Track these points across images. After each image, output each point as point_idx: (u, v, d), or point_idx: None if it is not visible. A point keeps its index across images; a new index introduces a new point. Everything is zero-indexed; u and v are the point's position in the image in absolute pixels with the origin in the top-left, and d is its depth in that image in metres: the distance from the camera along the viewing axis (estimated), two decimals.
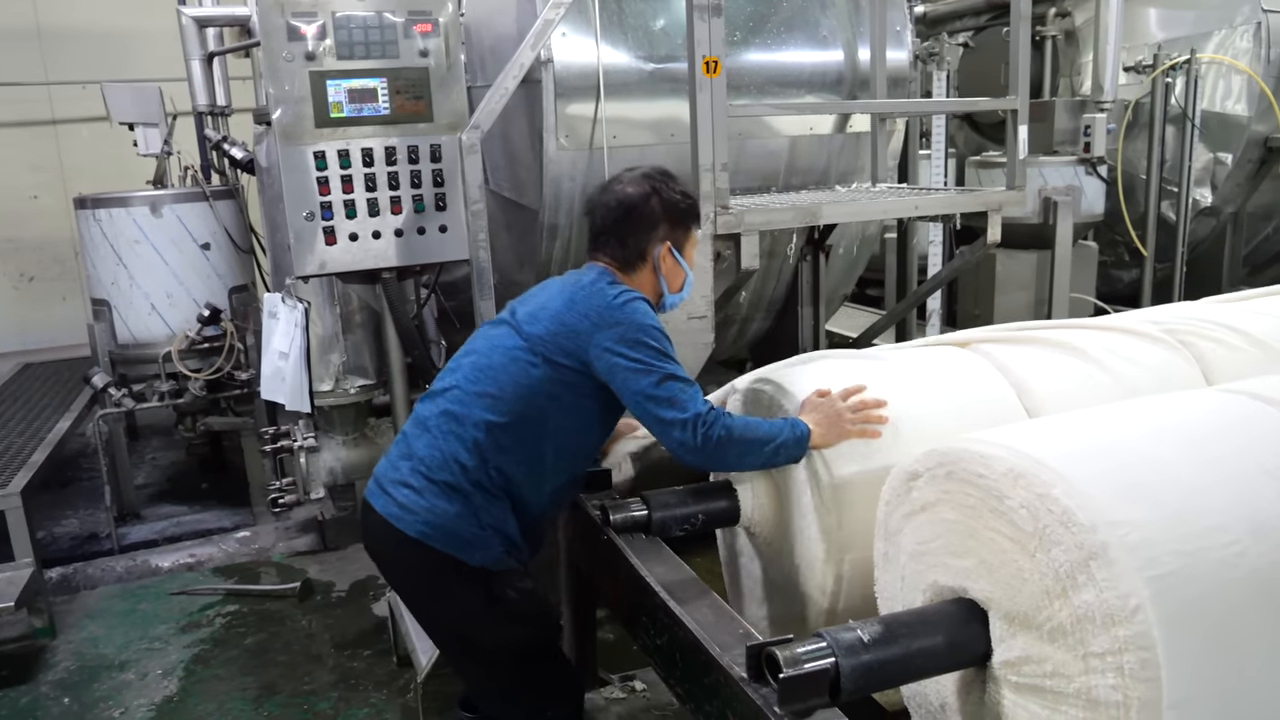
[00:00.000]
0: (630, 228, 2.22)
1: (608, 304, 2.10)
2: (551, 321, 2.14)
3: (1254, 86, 5.67)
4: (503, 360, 2.16)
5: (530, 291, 2.34)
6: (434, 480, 2.11)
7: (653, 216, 2.22)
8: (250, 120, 4.52)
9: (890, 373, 2.18)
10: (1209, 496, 1.44)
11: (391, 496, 2.15)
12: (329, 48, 3.07)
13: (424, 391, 4.29)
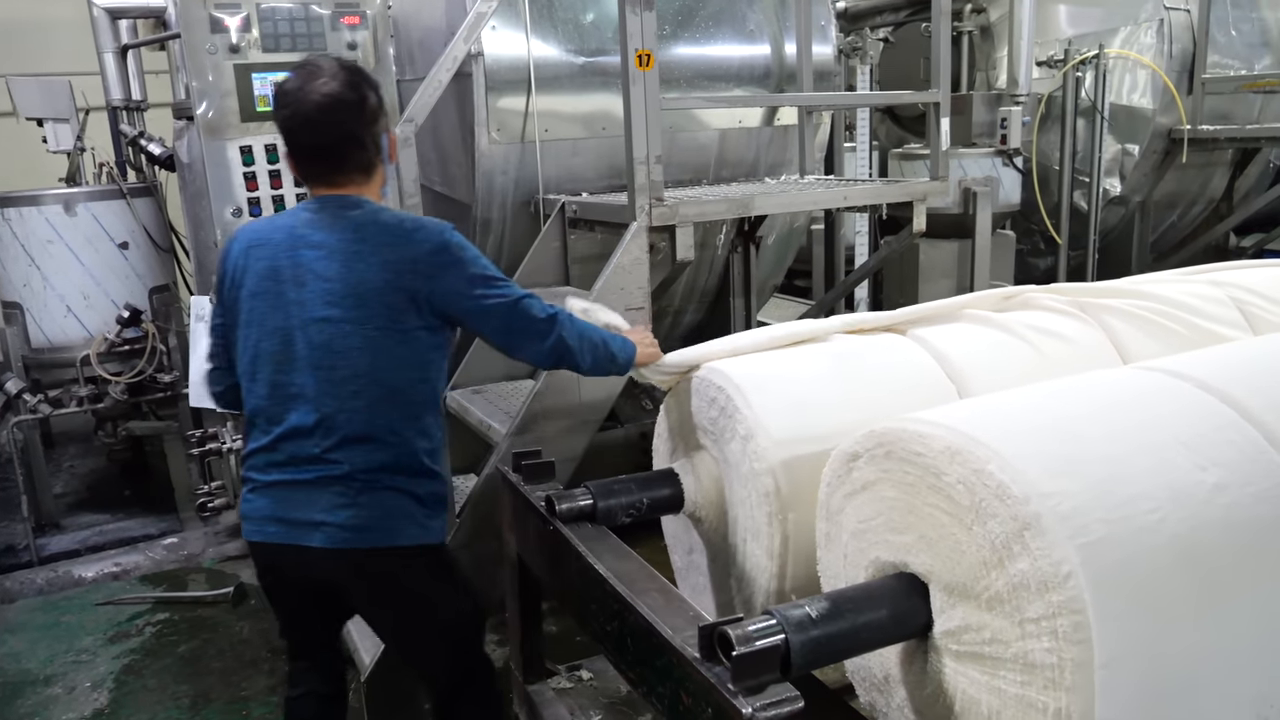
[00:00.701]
0: (367, 124, 2.09)
1: (425, 249, 2.06)
2: (358, 295, 2.03)
3: (1158, 81, 5.93)
4: (335, 349, 2.05)
5: (265, 270, 2.10)
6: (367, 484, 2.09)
7: (376, 106, 2.11)
8: (167, 115, 4.40)
9: (832, 359, 2.24)
10: (1131, 467, 1.52)
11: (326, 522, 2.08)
12: (254, 40, 3.02)
13: None
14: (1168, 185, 6.42)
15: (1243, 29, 6.57)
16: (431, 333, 2.12)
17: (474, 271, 2.10)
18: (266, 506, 2.13)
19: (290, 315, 2.06)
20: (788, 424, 2.08)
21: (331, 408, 2.05)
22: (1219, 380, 1.79)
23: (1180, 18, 6.05)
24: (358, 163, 2.10)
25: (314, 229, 2.08)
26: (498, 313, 2.12)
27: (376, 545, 2.11)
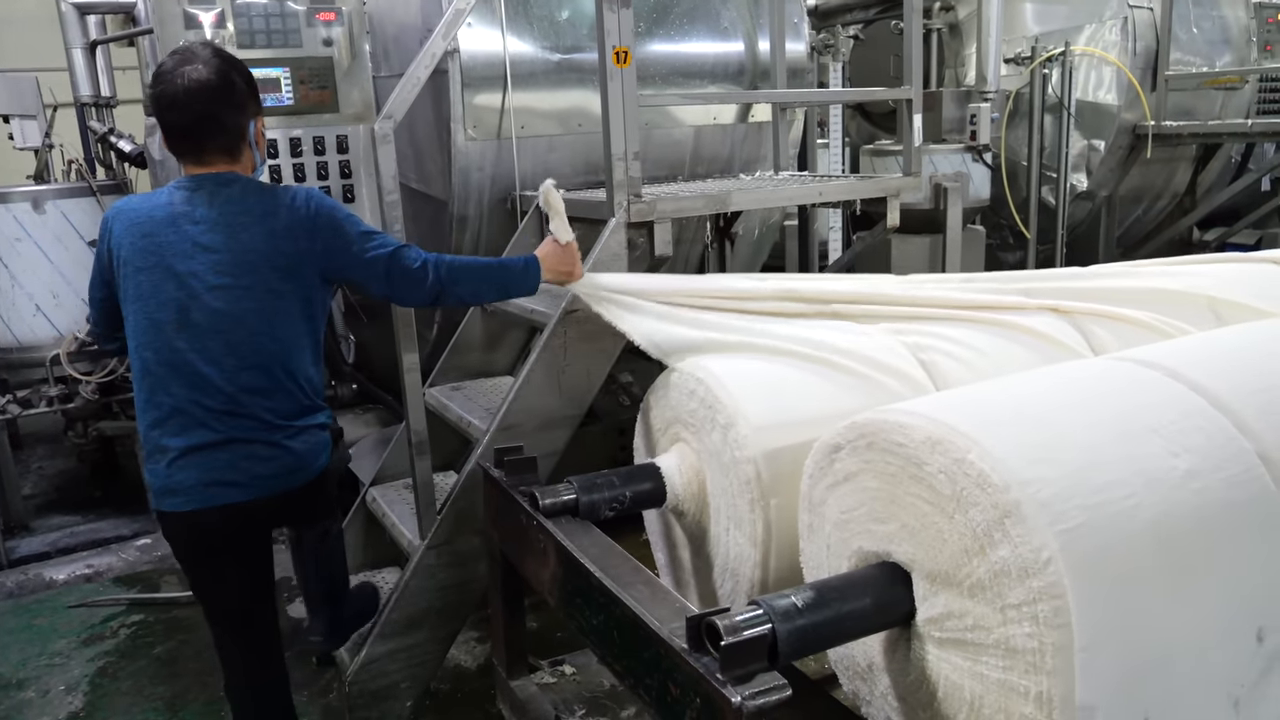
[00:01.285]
0: (231, 109, 2.23)
1: (303, 215, 2.24)
2: (260, 258, 2.20)
3: (1122, 77, 6.03)
4: (232, 314, 2.20)
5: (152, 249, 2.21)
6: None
7: (243, 93, 2.25)
8: (135, 111, 4.35)
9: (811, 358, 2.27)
10: (1106, 454, 1.56)
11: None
12: (229, 36, 2.99)
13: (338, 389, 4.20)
14: (1133, 180, 6.53)
15: (1204, 26, 6.69)
16: (317, 289, 2.32)
17: (351, 230, 2.29)
18: (195, 474, 2.23)
19: (182, 286, 2.19)
20: (767, 411, 2.11)
21: (233, 367, 2.21)
22: (1188, 369, 1.84)
23: (1143, 15, 6.15)
24: (221, 145, 2.24)
25: (193, 205, 2.22)
26: (378, 264, 2.30)
27: (304, 482, 2.34)
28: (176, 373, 2.21)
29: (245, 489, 2.25)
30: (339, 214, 2.30)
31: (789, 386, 2.20)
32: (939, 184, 5.13)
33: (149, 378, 2.24)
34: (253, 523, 2.33)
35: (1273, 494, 1.66)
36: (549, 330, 2.72)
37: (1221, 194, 6.91)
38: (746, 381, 2.19)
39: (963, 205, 5.25)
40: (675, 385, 2.35)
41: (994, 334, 2.46)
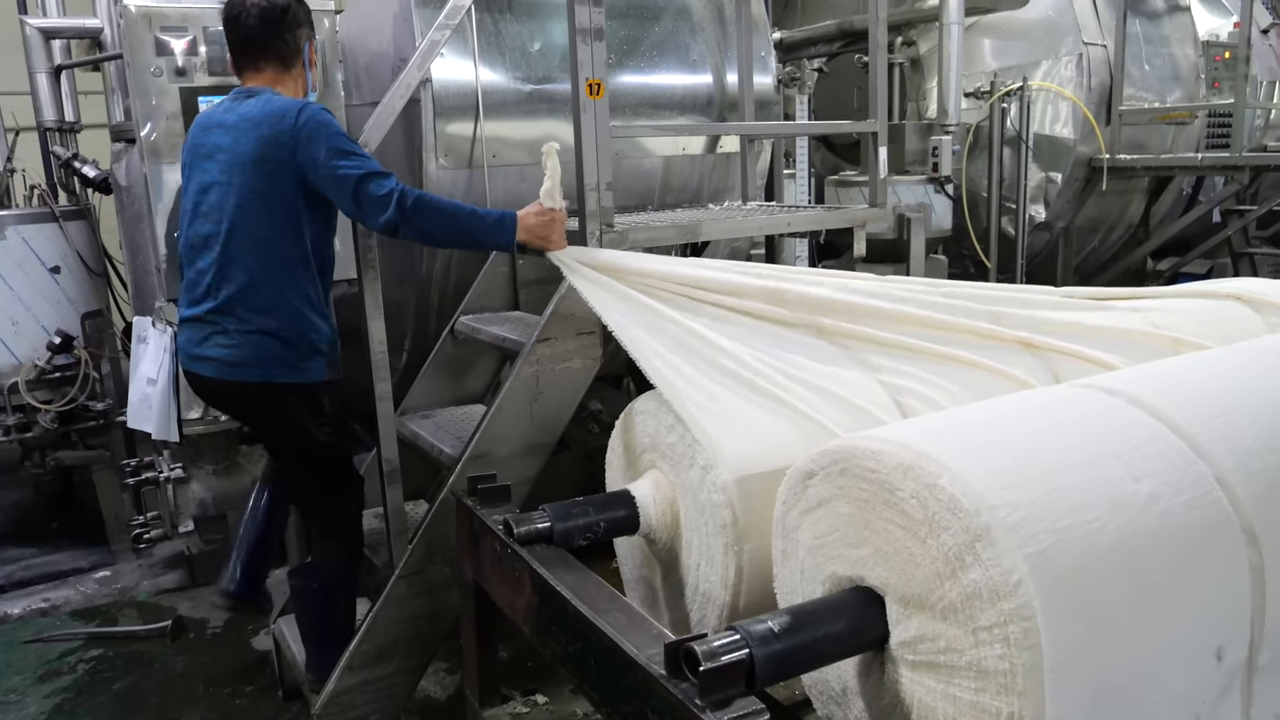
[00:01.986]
0: (287, 27, 2.57)
1: (293, 125, 2.45)
2: (251, 160, 2.47)
3: (1078, 112, 6.21)
4: (223, 208, 2.51)
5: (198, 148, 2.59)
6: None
7: (300, 15, 2.61)
8: (100, 135, 4.31)
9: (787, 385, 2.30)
10: (1071, 479, 1.60)
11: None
12: (200, 63, 2.99)
13: None
14: (1089, 211, 6.70)
15: (1155, 64, 6.91)
16: (300, 197, 2.51)
17: (330, 144, 2.45)
18: (185, 340, 2.63)
19: (200, 182, 2.54)
20: (747, 458, 2.13)
21: (218, 256, 2.51)
22: (1148, 396, 1.90)
23: (1098, 52, 6.35)
24: (270, 61, 2.57)
25: (223, 114, 2.56)
26: (347, 182, 2.45)
27: (249, 380, 2.55)
28: (190, 254, 2.59)
29: (207, 365, 2.56)
30: (323, 131, 2.45)
31: (770, 433, 2.22)
32: (902, 214, 5.20)
33: (181, 257, 2.65)
34: (222, 401, 2.74)
35: (1230, 516, 1.71)
36: (522, 357, 2.73)
37: (1174, 225, 7.11)
38: (729, 427, 2.21)
39: (925, 235, 5.33)
40: (655, 414, 2.37)
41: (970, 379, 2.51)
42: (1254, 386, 2.07)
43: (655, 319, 2.47)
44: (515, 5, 3.67)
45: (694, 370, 2.36)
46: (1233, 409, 1.95)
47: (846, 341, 2.57)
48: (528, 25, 3.69)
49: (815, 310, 2.59)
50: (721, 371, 2.36)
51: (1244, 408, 1.96)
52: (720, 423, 2.20)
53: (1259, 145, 7.78)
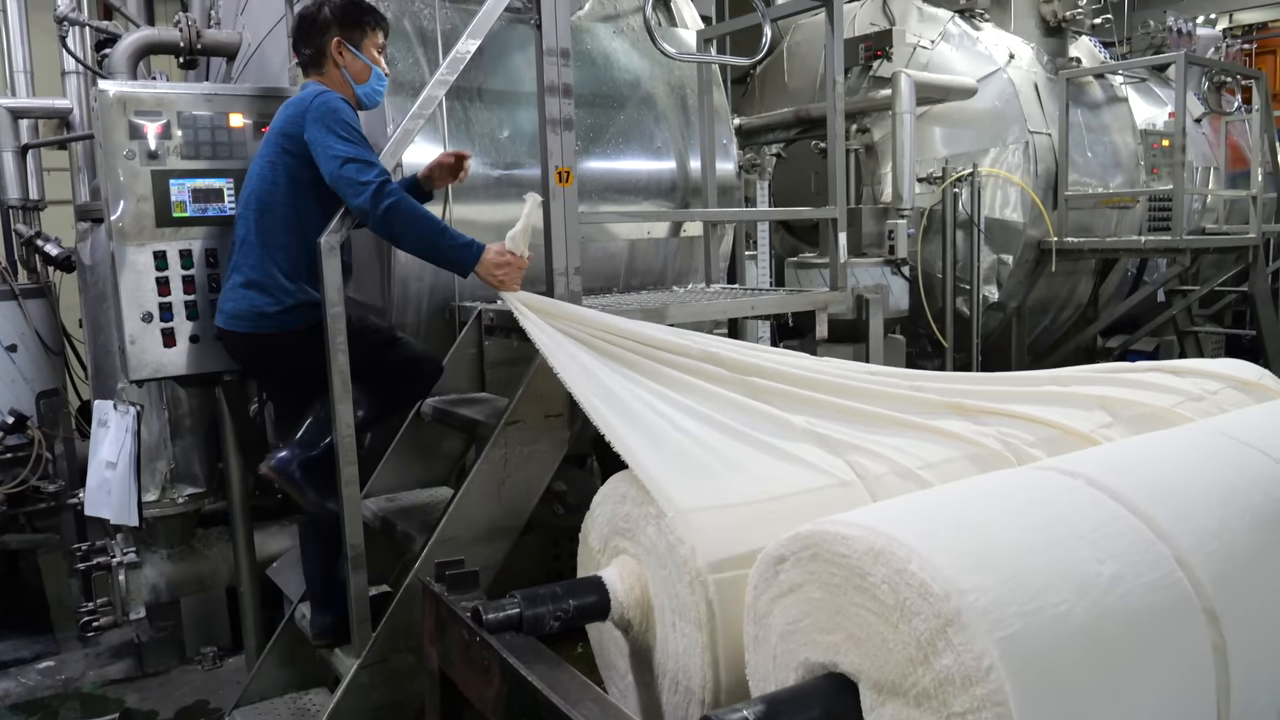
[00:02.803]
0: (309, 34, 2.86)
1: (309, 104, 2.70)
2: (275, 133, 2.78)
3: (1026, 197, 6.45)
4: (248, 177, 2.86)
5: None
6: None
7: (324, 21, 2.85)
8: (65, 212, 4.31)
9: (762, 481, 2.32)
10: (1037, 561, 1.63)
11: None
12: (173, 147, 3.02)
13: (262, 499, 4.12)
14: (1040, 292, 6.92)
15: (1097, 151, 7.24)
16: (303, 170, 2.72)
17: (331, 126, 2.65)
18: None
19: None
20: (719, 540, 2.14)
21: (243, 220, 2.82)
22: (1106, 477, 1.95)
23: (1043, 140, 6.63)
24: (305, 59, 2.91)
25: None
26: (334, 160, 2.62)
27: (240, 331, 2.82)
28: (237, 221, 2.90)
29: (222, 317, 2.85)
30: (330, 115, 2.66)
31: (743, 510, 2.23)
32: (861, 295, 5.35)
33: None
34: (235, 352, 2.93)
35: (1190, 597, 1.75)
36: (490, 441, 2.73)
37: (1121, 305, 7.35)
38: (699, 506, 2.21)
39: (883, 315, 5.48)
40: (624, 498, 2.37)
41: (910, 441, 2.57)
42: (1207, 466, 2.14)
43: (602, 369, 2.51)
44: (485, 94, 3.76)
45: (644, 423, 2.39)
46: (1187, 489, 2.01)
47: (782, 402, 2.62)
48: (497, 113, 3.78)
49: (749, 372, 2.66)
50: (672, 426, 2.39)
51: (1198, 487, 2.02)
52: (693, 508, 2.20)
53: (1198, 228, 8.13)
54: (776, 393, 2.62)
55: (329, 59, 2.87)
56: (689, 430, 2.40)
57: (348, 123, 2.68)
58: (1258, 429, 2.38)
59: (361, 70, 2.92)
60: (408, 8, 3.73)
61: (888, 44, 6.33)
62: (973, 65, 6.57)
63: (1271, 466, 2.18)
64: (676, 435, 2.38)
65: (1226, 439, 2.28)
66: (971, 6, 6.86)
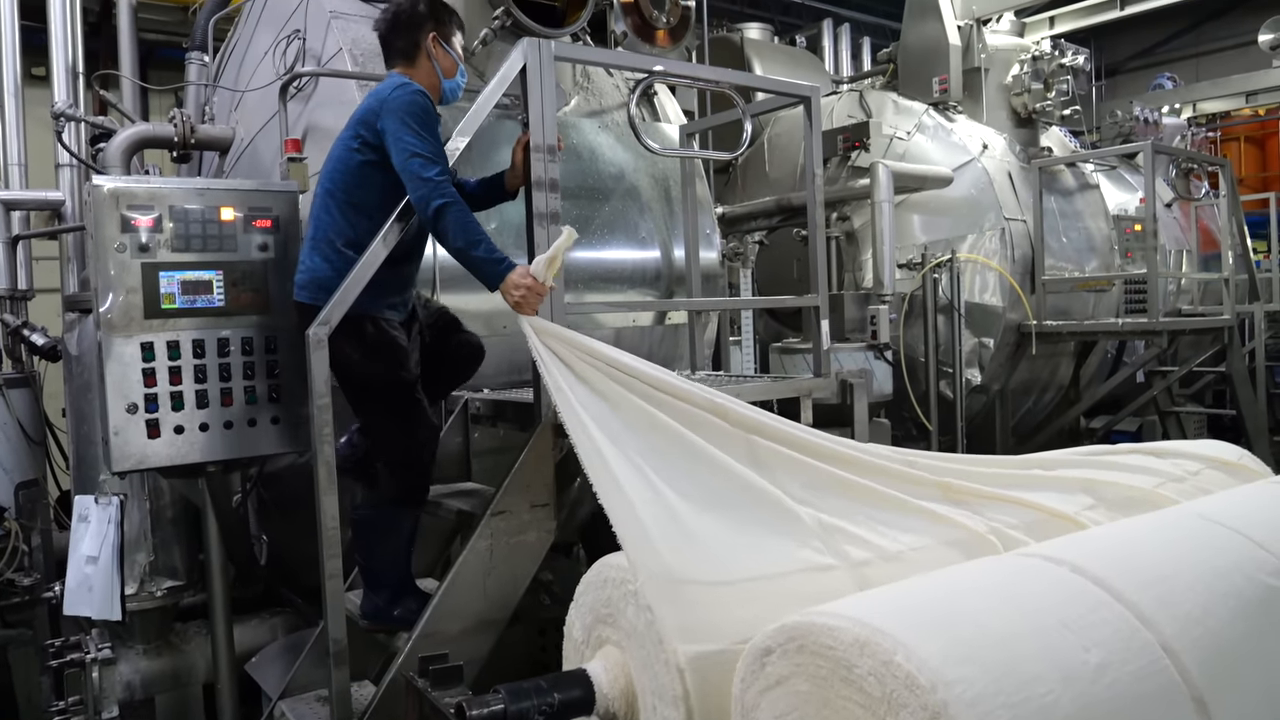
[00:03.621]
0: (404, 27, 2.97)
1: (387, 95, 2.80)
2: (354, 121, 2.89)
3: (1004, 281, 6.57)
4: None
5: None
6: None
7: (421, 16, 2.96)
8: (53, 300, 4.33)
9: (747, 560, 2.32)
10: (1024, 650, 1.63)
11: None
12: (164, 240, 3.06)
13: (242, 591, 4.05)
14: (1022, 374, 6.99)
15: (1071, 236, 7.41)
16: (372, 156, 2.84)
17: (405, 117, 2.75)
18: None
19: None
20: (695, 616, 2.13)
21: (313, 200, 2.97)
22: (1090, 563, 1.96)
23: (1019, 226, 6.80)
24: (396, 51, 3.00)
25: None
26: (402, 152, 2.73)
27: (303, 301, 2.87)
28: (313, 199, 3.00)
29: (294, 289, 2.94)
30: (407, 108, 2.77)
31: (726, 595, 2.22)
32: (845, 380, 5.39)
33: None
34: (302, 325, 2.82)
35: (1178, 685, 1.74)
36: (476, 532, 2.72)
37: (1102, 387, 7.43)
38: (681, 594, 2.20)
39: (868, 400, 5.53)
40: (609, 584, 2.36)
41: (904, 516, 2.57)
42: (1190, 551, 2.15)
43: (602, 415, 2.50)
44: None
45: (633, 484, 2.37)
46: (1171, 575, 2.01)
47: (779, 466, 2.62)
48: None
49: (751, 429, 2.66)
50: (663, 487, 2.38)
51: (1181, 573, 2.03)
52: (675, 596, 2.19)
53: (1174, 309, 8.28)
54: (775, 455, 2.63)
55: (422, 52, 2.98)
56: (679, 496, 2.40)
57: (423, 117, 2.78)
58: (1238, 512, 2.40)
59: (451, 66, 3.03)
60: None
61: (865, 136, 6.52)
62: (948, 155, 6.77)
63: (1253, 550, 2.19)
64: (665, 499, 2.37)
65: (1208, 523, 2.30)
66: (945, 100, 7.10)
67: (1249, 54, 11.34)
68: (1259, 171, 13.63)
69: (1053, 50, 7.52)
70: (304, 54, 3.93)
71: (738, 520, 2.40)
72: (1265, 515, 2.38)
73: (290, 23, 4.11)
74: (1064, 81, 7.42)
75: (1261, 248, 10.24)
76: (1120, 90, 14.14)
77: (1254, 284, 8.43)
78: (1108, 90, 14.03)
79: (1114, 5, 8.39)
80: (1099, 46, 13.42)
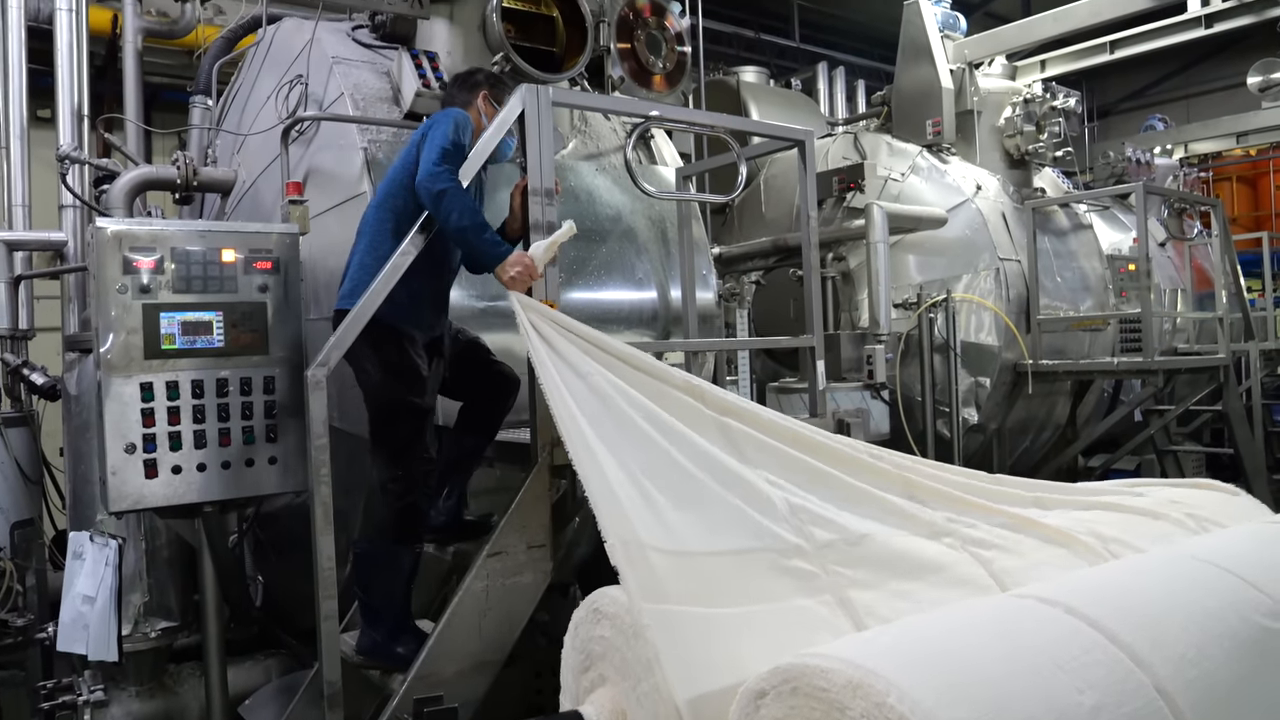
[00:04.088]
0: (465, 85, 3.37)
1: (438, 115, 3.14)
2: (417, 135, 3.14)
3: (1000, 320, 6.60)
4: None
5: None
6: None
7: (478, 81, 3.37)
8: (53, 339, 4.35)
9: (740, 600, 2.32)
10: (1017, 689, 1.64)
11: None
12: (165, 281, 3.09)
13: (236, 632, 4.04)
14: (1018, 413, 7.00)
15: (1066, 275, 7.46)
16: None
17: (445, 129, 3.02)
18: None
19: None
20: (699, 665, 2.13)
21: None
22: (1084, 605, 1.96)
23: (1013, 267, 6.84)
24: (457, 101, 3.33)
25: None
26: (430, 151, 2.96)
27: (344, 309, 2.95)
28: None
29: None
30: (450, 125, 3.03)
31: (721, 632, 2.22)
32: (841, 419, 5.41)
33: None
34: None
35: None
36: (471, 573, 2.72)
37: (1099, 426, 7.44)
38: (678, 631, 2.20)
39: (865, 439, 5.54)
40: (602, 620, 2.36)
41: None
42: (1184, 592, 2.16)
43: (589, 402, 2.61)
44: None
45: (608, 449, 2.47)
46: (1165, 616, 2.02)
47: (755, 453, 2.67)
48: None
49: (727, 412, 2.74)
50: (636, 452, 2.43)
51: (1175, 614, 2.04)
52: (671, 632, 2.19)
53: (1170, 348, 8.31)
54: (749, 440, 2.68)
55: (474, 107, 3.30)
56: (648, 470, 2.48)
57: (457, 136, 3.04)
58: (1233, 552, 2.41)
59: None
60: (398, 147, 3.89)
61: (860, 177, 6.60)
62: (942, 196, 6.84)
63: (1247, 591, 2.20)
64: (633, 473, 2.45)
65: (1202, 564, 2.31)
66: (938, 142, 7.19)
67: (1239, 95, 11.49)
68: (1251, 211, 13.74)
69: (1044, 93, 7.64)
70: (306, 98, 4.00)
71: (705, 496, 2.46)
72: (1259, 556, 2.40)
73: (293, 67, 4.18)
74: (1056, 123, 7.52)
75: (1256, 286, 10.30)
76: (1113, 131, 14.29)
77: (1249, 323, 8.47)
78: (1100, 131, 14.18)
79: (1104, 49, 8.49)
80: (1090, 88, 13.61)
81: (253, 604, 4.16)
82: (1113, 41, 8.57)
